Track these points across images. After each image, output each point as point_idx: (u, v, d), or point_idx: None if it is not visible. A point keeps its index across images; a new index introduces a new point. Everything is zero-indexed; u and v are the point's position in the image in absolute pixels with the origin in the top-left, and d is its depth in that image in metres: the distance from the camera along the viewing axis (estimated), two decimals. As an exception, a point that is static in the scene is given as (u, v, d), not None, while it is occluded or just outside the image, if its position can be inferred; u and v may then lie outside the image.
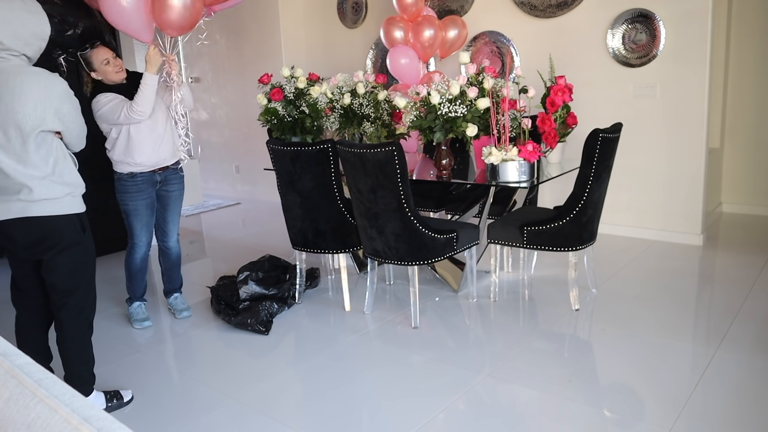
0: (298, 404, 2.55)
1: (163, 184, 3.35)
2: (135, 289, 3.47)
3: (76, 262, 2.43)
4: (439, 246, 3.16)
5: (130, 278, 3.46)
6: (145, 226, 3.34)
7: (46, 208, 2.28)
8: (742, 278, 3.70)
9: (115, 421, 0.84)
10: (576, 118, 3.59)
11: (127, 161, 3.20)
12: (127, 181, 3.24)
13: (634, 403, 2.41)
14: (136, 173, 3.23)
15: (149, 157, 3.21)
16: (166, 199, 3.42)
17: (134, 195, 3.27)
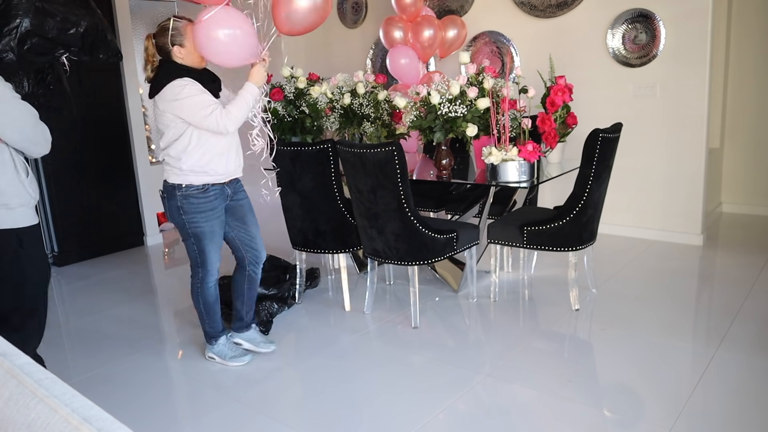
0: (298, 404, 2.55)
1: (232, 195, 2.83)
2: (215, 323, 2.92)
3: (10, 282, 2.19)
4: (439, 246, 3.16)
5: (208, 312, 2.89)
6: (218, 248, 2.81)
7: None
8: (742, 278, 3.70)
9: (115, 421, 0.84)
10: (576, 118, 3.59)
11: (205, 170, 2.65)
12: (199, 197, 2.66)
13: (634, 403, 2.41)
14: (209, 185, 2.68)
15: (227, 166, 2.72)
16: (240, 210, 2.87)
17: (209, 214, 2.70)
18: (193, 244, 2.75)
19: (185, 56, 2.63)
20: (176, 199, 2.67)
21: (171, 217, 2.75)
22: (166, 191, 2.73)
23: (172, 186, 2.68)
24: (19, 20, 2.67)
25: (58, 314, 3.79)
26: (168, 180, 2.70)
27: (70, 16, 2.81)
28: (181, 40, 2.62)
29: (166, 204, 2.75)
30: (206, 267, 2.79)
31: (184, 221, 2.70)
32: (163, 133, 2.65)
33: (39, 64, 2.94)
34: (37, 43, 2.76)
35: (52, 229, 4.69)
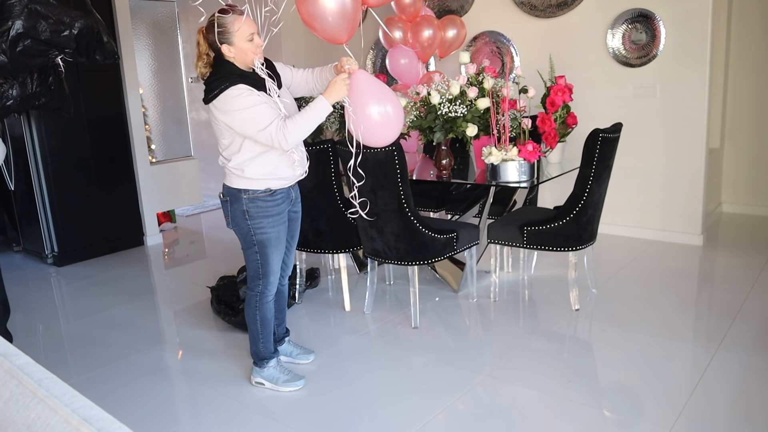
0: (298, 404, 2.55)
1: (294, 202, 2.64)
2: (269, 343, 2.68)
3: None
4: (439, 246, 3.16)
5: (264, 331, 2.63)
6: (281, 257, 2.60)
7: None
8: (742, 278, 3.70)
9: (115, 421, 0.84)
10: (576, 118, 3.60)
11: (271, 177, 2.45)
12: (266, 200, 2.46)
13: (634, 403, 2.41)
14: (276, 189, 2.48)
15: (294, 170, 2.52)
16: (294, 224, 2.69)
17: (276, 218, 2.50)
18: (256, 253, 2.52)
19: (236, 55, 2.35)
20: (242, 202, 2.44)
21: (234, 223, 2.52)
22: (229, 195, 2.48)
23: (237, 190, 2.45)
24: (11, 22, 2.66)
25: (58, 314, 3.80)
26: (230, 184, 2.47)
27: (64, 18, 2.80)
28: (229, 39, 2.33)
29: (227, 209, 2.52)
30: (268, 278, 2.56)
31: (249, 227, 2.48)
32: (217, 135, 2.46)
33: (32, 66, 2.94)
34: (30, 46, 2.75)
35: (52, 229, 4.69)
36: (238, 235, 2.55)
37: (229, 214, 2.53)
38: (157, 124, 5.58)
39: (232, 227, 2.54)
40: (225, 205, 2.52)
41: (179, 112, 5.73)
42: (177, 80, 5.70)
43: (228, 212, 2.52)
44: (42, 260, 4.84)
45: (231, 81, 2.31)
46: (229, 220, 2.55)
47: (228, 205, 2.50)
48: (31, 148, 4.57)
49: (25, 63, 2.82)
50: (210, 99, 2.36)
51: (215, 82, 2.34)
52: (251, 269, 2.58)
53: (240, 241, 2.57)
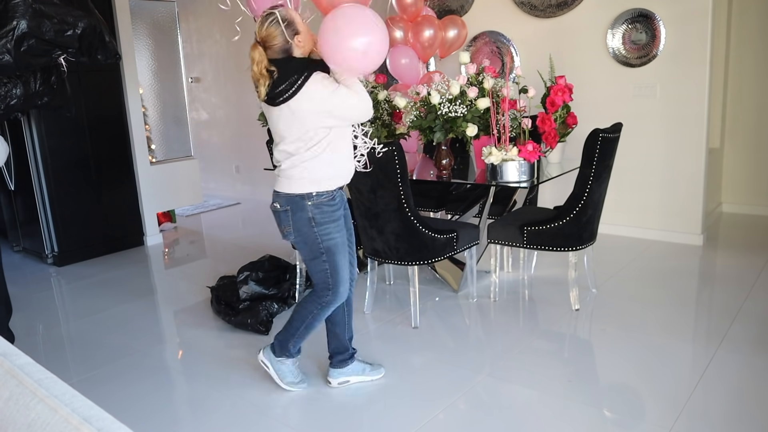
0: (298, 404, 2.55)
1: (344, 203, 2.52)
2: (300, 342, 2.62)
3: None
4: (439, 246, 3.16)
5: (305, 332, 2.56)
6: (347, 262, 2.49)
7: None
8: (742, 278, 3.70)
9: (115, 421, 0.84)
10: (576, 118, 3.59)
11: (335, 175, 2.37)
12: (330, 204, 2.36)
13: (634, 403, 2.41)
14: (335, 191, 2.39)
15: (351, 166, 2.44)
16: (348, 222, 2.54)
17: (340, 223, 2.41)
18: (324, 262, 2.39)
19: (304, 42, 2.25)
20: (306, 210, 2.32)
21: (297, 233, 2.36)
22: (289, 203, 2.33)
23: (300, 196, 2.31)
24: (15, 22, 2.66)
25: (58, 314, 3.80)
26: (290, 191, 2.32)
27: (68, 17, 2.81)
28: (296, 27, 2.23)
29: (286, 219, 2.36)
30: (338, 288, 2.44)
31: (315, 235, 2.35)
32: (286, 137, 2.28)
33: (36, 65, 2.94)
34: (34, 45, 2.75)
35: (52, 229, 4.69)
36: (302, 247, 2.41)
37: (289, 224, 2.36)
38: (157, 124, 5.59)
39: (294, 238, 2.39)
40: (283, 215, 2.37)
41: (179, 112, 5.74)
42: (177, 80, 5.70)
43: (288, 222, 2.36)
44: (42, 260, 4.84)
45: (309, 68, 2.21)
46: (288, 231, 2.39)
47: (288, 214, 2.35)
48: (31, 148, 4.57)
49: (29, 62, 2.83)
50: (295, 92, 2.18)
51: (291, 76, 2.19)
52: (319, 280, 2.44)
53: (303, 253, 2.43)
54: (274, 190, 2.40)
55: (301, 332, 2.55)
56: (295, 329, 2.55)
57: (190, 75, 7.40)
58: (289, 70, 2.20)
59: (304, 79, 2.19)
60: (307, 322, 2.51)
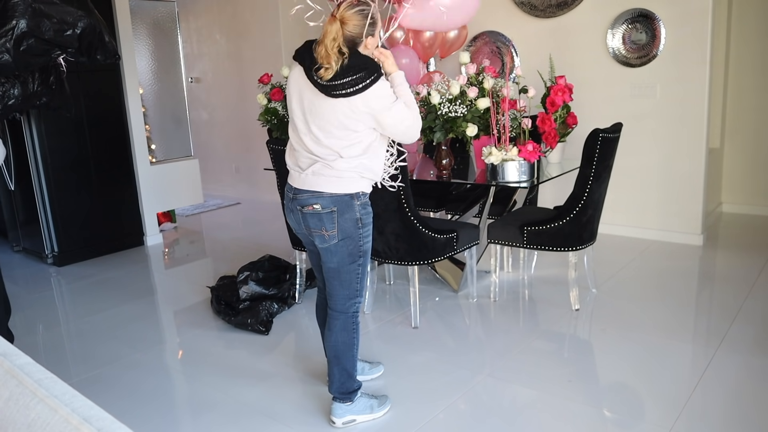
0: (298, 404, 2.55)
1: None
2: (356, 370, 2.40)
3: None
4: (439, 246, 3.16)
5: (356, 356, 2.36)
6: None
7: None
8: (742, 278, 3.70)
9: (115, 421, 0.84)
10: (576, 118, 3.59)
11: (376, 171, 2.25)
12: (369, 204, 2.25)
13: (634, 403, 2.41)
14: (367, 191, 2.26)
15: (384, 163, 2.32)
16: None
17: (373, 225, 2.30)
18: (359, 267, 2.25)
19: (371, 48, 2.15)
20: (354, 210, 2.17)
21: (343, 234, 2.18)
22: (336, 204, 2.15)
23: (349, 196, 2.16)
24: (15, 21, 2.65)
25: (58, 314, 3.80)
26: (341, 190, 2.14)
27: (67, 17, 2.80)
28: (375, 31, 2.11)
29: (330, 221, 2.16)
30: (363, 294, 2.33)
31: (360, 236, 2.20)
32: (334, 133, 2.10)
33: (35, 65, 2.94)
34: (34, 45, 2.75)
35: (52, 229, 4.69)
36: (339, 251, 2.20)
37: (334, 226, 2.17)
38: (157, 124, 5.59)
39: (336, 242, 2.18)
40: (327, 217, 2.16)
41: (179, 112, 5.74)
42: (177, 80, 5.70)
43: (333, 224, 2.16)
44: (42, 260, 4.84)
45: (378, 71, 2.06)
46: (332, 235, 2.17)
47: (333, 216, 2.16)
48: (31, 148, 4.57)
49: (29, 62, 2.82)
50: (364, 87, 2.02)
51: (365, 71, 2.02)
52: (349, 289, 2.26)
53: (339, 260, 2.22)
54: (308, 190, 2.17)
55: (353, 360, 2.34)
56: (351, 360, 2.33)
57: (190, 75, 7.40)
58: (360, 64, 2.03)
59: (376, 77, 2.03)
60: (356, 343, 2.34)
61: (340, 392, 2.34)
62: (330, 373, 2.36)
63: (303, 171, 2.18)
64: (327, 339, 2.34)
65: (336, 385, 2.34)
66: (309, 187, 2.16)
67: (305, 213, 2.19)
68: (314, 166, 2.15)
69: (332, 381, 2.35)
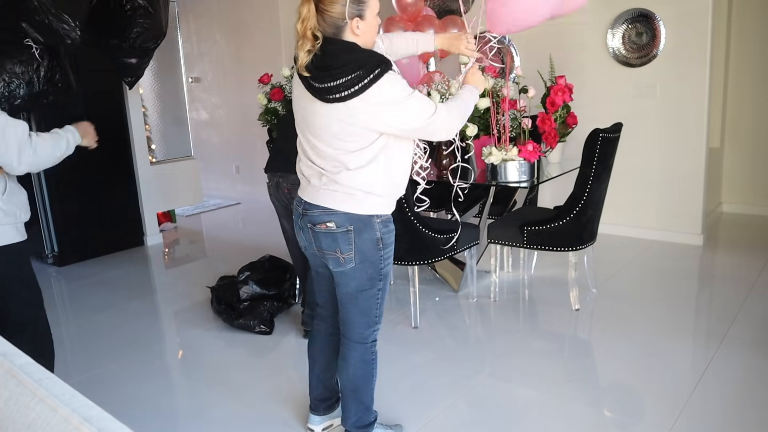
0: (298, 404, 2.55)
1: None
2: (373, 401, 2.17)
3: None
4: (439, 246, 3.16)
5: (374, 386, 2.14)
6: None
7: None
8: (742, 278, 3.70)
9: (115, 420, 0.84)
10: (576, 118, 3.59)
11: (399, 188, 1.95)
12: (391, 222, 1.97)
13: (634, 403, 2.41)
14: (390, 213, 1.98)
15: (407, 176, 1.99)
16: None
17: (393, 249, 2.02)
18: (378, 291, 2.02)
19: (363, 33, 1.79)
20: (375, 229, 1.89)
21: (361, 257, 1.91)
22: (352, 222, 1.87)
23: (367, 217, 1.87)
24: None
25: (58, 314, 3.79)
26: (352, 210, 1.86)
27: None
28: (363, 11, 1.77)
29: (346, 241, 1.88)
30: (381, 320, 2.12)
31: (380, 259, 1.95)
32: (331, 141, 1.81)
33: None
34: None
35: (52, 229, 4.69)
36: (358, 275, 1.94)
37: (351, 248, 1.89)
38: (157, 124, 5.59)
39: (354, 266, 1.91)
40: (342, 237, 1.88)
41: (179, 112, 5.74)
42: (177, 80, 5.70)
43: (349, 245, 1.89)
44: (42, 260, 4.84)
45: (382, 65, 1.74)
46: (349, 258, 1.90)
47: (349, 235, 1.88)
48: (31, 148, 4.57)
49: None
50: (362, 88, 1.72)
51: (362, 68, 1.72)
52: (368, 316, 2.03)
53: (357, 284, 1.96)
54: (319, 206, 1.89)
55: (371, 393, 2.12)
56: (370, 392, 2.11)
57: (190, 75, 7.40)
58: (356, 59, 1.74)
59: (377, 75, 1.73)
60: (375, 374, 2.10)
61: (357, 426, 2.12)
62: (344, 407, 2.13)
63: (311, 183, 1.92)
64: (342, 372, 2.08)
65: (352, 420, 2.11)
66: (320, 202, 1.89)
67: (317, 232, 1.92)
68: (322, 178, 1.88)
69: (347, 415, 2.12)
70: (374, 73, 1.73)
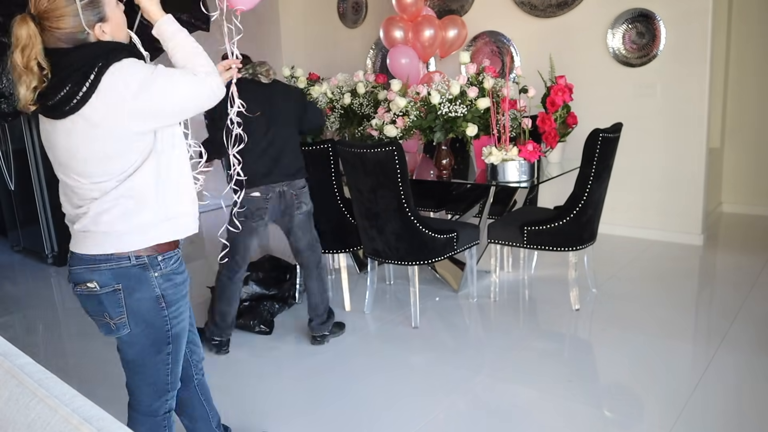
0: (298, 404, 2.55)
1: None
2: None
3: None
4: (439, 246, 3.16)
5: None
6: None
7: None
8: (742, 278, 3.70)
9: (115, 421, 0.84)
10: (576, 118, 3.59)
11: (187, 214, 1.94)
12: (180, 270, 1.76)
13: (634, 403, 2.41)
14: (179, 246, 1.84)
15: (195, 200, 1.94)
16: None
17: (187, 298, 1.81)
18: (167, 356, 1.72)
19: (113, 33, 1.52)
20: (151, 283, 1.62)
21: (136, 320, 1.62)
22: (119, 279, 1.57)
23: (140, 265, 1.58)
24: None
25: (58, 314, 3.79)
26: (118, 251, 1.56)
27: None
28: (102, 13, 1.48)
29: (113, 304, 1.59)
30: (176, 387, 1.81)
31: (165, 319, 1.67)
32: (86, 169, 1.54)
33: None
34: None
35: (52, 229, 4.69)
36: (138, 342, 1.64)
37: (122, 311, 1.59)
38: (157, 124, 5.58)
39: (127, 333, 1.61)
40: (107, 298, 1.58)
41: (179, 112, 5.72)
42: (177, 80, 5.69)
43: (119, 308, 1.59)
44: (42, 260, 4.84)
45: (109, 56, 1.45)
46: (119, 322, 1.60)
47: (117, 296, 1.58)
48: (31, 148, 4.57)
49: None
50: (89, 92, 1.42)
51: (80, 69, 1.43)
52: (156, 384, 1.73)
53: (139, 351, 1.66)
54: (78, 254, 1.57)
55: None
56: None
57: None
58: (76, 60, 1.44)
59: (99, 69, 1.43)
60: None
61: None
62: None
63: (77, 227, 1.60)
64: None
65: None
66: (78, 249, 1.59)
67: (76, 295, 1.61)
68: (83, 220, 1.58)
69: None
70: (98, 67, 1.43)
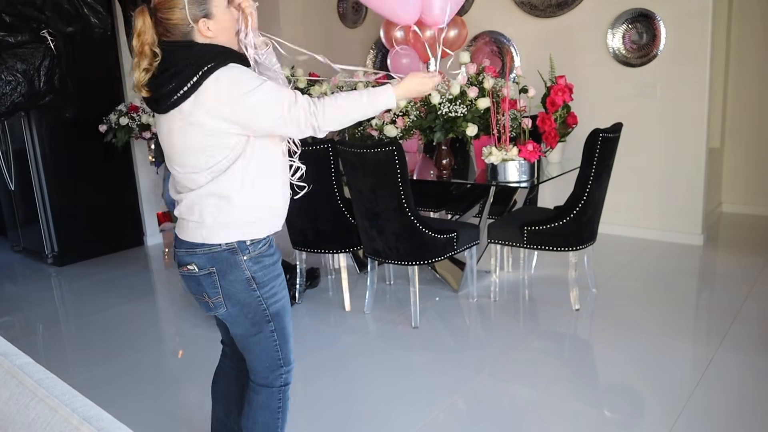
0: (298, 404, 2.55)
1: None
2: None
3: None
4: (439, 246, 3.16)
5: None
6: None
7: None
8: (743, 278, 3.69)
9: (115, 421, 0.84)
10: (576, 118, 3.59)
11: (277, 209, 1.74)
12: (271, 254, 1.73)
13: (635, 403, 2.41)
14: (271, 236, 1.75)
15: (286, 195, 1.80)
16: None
17: (283, 279, 1.77)
18: (272, 333, 1.74)
19: (218, 33, 1.58)
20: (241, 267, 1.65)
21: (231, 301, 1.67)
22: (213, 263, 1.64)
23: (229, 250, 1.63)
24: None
25: (58, 314, 3.80)
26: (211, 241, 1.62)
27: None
28: (208, 9, 1.55)
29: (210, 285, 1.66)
30: (291, 361, 1.82)
31: (259, 300, 1.69)
32: (186, 161, 1.60)
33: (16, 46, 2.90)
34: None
35: (52, 229, 4.69)
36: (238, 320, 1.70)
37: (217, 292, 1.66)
38: (157, 124, 5.58)
39: (224, 311, 1.68)
40: (205, 279, 1.65)
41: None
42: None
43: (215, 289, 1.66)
44: (42, 260, 4.84)
45: (217, 60, 1.53)
46: (217, 302, 1.67)
47: (213, 278, 1.64)
48: (31, 148, 4.57)
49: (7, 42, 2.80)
50: (190, 90, 1.51)
51: (185, 70, 1.52)
52: (269, 360, 1.75)
53: (243, 330, 1.72)
54: (184, 240, 1.66)
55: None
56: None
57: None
58: (181, 60, 1.53)
59: (207, 71, 1.51)
60: (273, 427, 1.80)
61: None
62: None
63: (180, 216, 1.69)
64: (243, 416, 1.80)
65: None
66: (183, 236, 1.67)
67: (181, 276, 1.70)
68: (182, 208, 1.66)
69: None
70: (205, 69, 1.51)
